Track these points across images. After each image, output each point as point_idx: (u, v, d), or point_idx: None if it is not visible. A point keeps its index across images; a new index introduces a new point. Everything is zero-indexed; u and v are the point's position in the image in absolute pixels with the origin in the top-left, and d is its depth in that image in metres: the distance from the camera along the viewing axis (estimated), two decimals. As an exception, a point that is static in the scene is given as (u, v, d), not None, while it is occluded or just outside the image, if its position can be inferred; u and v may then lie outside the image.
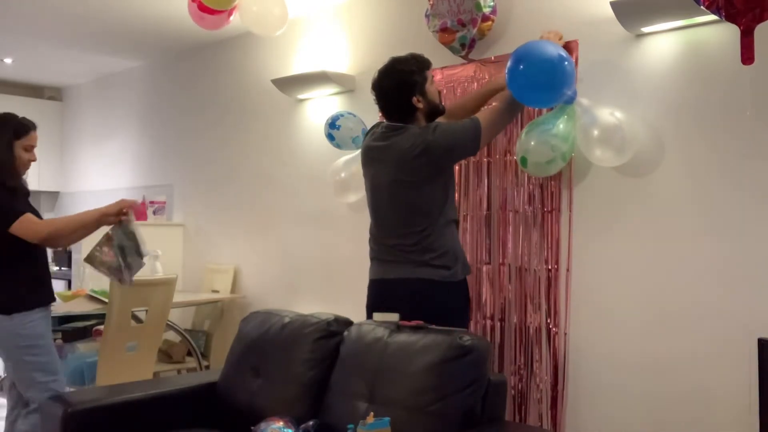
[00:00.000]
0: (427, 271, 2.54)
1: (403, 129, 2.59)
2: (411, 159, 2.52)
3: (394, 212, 2.62)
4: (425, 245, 2.55)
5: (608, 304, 2.77)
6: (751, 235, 2.41)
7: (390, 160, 2.59)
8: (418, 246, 2.55)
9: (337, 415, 2.25)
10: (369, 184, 2.72)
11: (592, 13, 2.84)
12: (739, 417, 2.39)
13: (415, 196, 2.56)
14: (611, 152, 2.61)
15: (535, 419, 2.93)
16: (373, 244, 2.72)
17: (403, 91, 2.60)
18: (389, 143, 2.61)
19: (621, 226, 2.75)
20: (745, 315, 2.41)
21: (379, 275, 2.66)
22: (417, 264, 2.55)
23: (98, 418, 2.39)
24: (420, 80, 2.60)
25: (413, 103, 2.60)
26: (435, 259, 2.55)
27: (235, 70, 4.72)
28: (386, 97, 2.65)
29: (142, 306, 3.60)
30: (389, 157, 2.60)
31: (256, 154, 4.50)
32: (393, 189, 2.60)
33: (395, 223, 2.62)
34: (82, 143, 6.46)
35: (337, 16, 3.97)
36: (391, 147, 2.59)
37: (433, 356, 2.10)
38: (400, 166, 2.56)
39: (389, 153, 2.60)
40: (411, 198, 2.56)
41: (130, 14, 4.32)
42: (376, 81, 2.67)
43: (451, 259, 2.57)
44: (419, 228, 2.55)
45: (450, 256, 2.57)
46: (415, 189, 2.55)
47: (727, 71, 2.48)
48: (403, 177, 2.56)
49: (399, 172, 2.57)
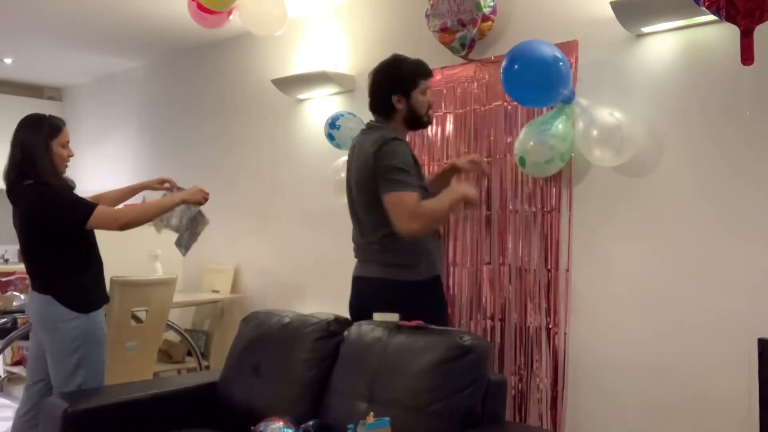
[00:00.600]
0: (389, 270, 2.48)
1: (376, 129, 2.52)
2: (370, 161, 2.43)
3: (360, 210, 2.56)
4: (386, 244, 2.47)
5: (608, 304, 2.77)
6: (751, 235, 2.41)
7: (355, 159, 2.54)
8: (380, 245, 2.49)
9: (337, 415, 2.25)
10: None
11: (592, 13, 2.84)
12: (739, 416, 2.39)
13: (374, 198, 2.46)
14: (610, 152, 2.62)
15: (535, 419, 2.93)
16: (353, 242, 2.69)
17: (384, 85, 2.53)
18: (359, 141, 2.56)
19: (621, 226, 2.75)
20: (745, 315, 2.41)
21: (355, 272, 2.64)
22: (380, 263, 2.51)
23: (98, 418, 2.39)
24: (409, 83, 2.51)
25: (392, 102, 2.51)
26: (396, 258, 2.48)
27: (235, 70, 4.72)
28: (371, 88, 2.59)
29: (142, 306, 3.60)
30: (355, 156, 2.55)
31: (256, 154, 4.50)
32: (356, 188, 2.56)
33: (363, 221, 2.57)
34: (82, 143, 6.45)
35: (337, 16, 3.97)
36: (359, 145, 2.54)
37: (433, 356, 2.10)
38: (359, 167, 2.50)
39: (356, 151, 2.55)
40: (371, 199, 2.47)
41: (130, 14, 4.32)
42: (371, 71, 2.63)
43: (412, 259, 2.49)
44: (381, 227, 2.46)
45: (411, 255, 2.48)
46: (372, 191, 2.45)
47: (727, 71, 2.48)
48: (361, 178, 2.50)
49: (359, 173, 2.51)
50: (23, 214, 2.71)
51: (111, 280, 3.35)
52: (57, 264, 2.70)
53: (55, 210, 2.66)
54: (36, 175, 2.67)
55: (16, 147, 2.71)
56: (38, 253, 2.73)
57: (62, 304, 2.64)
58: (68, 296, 2.66)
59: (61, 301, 2.64)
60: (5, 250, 6.49)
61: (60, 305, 2.63)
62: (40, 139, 2.71)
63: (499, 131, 3.11)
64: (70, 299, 2.66)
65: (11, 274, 3.97)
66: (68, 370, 2.67)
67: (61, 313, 2.64)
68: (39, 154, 2.69)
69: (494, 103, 3.13)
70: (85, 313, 2.68)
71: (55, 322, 2.65)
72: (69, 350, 2.66)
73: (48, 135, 2.73)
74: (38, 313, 2.70)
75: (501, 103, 3.10)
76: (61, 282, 2.69)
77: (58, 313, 2.64)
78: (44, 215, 2.66)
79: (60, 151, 2.77)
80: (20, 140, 2.71)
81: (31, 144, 2.69)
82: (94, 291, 2.78)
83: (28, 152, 2.69)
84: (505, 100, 3.07)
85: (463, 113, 3.24)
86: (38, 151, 2.69)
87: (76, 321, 2.65)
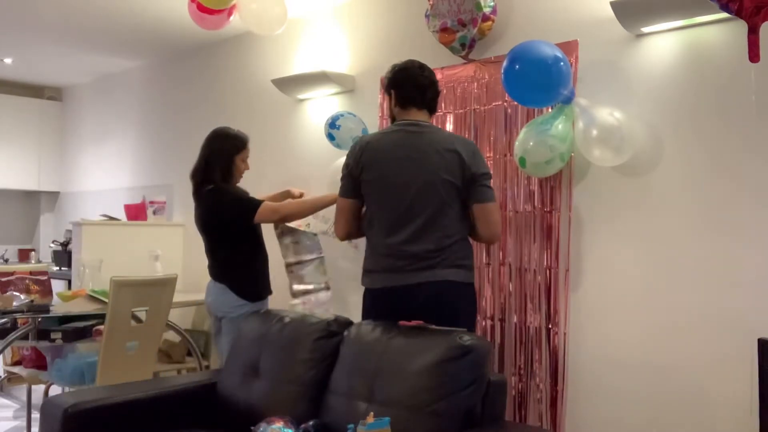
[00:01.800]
0: (468, 273, 2.56)
1: (435, 129, 2.62)
2: (461, 164, 2.51)
3: (432, 214, 2.49)
4: (458, 247, 2.53)
5: (608, 304, 2.77)
6: (752, 234, 2.41)
7: (426, 158, 2.49)
8: (454, 248, 2.52)
9: (337, 415, 2.25)
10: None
11: (592, 13, 2.84)
12: (739, 416, 2.39)
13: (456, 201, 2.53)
14: (610, 152, 2.62)
15: (535, 419, 2.93)
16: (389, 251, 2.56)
17: (437, 86, 2.67)
18: (424, 140, 2.52)
19: (621, 226, 2.75)
20: (745, 315, 2.41)
21: (413, 280, 2.51)
22: (457, 266, 2.54)
23: (98, 418, 2.39)
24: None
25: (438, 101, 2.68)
26: (469, 260, 2.58)
27: (236, 70, 4.72)
28: (429, 83, 2.63)
29: (142, 306, 3.60)
30: (423, 155, 2.49)
31: (256, 154, 4.48)
32: (430, 190, 2.51)
33: (428, 226, 2.50)
34: (82, 143, 6.46)
35: (337, 16, 3.97)
36: (427, 144, 2.50)
37: (433, 356, 2.10)
38: (441, 166, 2.49)
39: (422, 150, 2.50)
40: (453, 202, 2.52)
41: (130, 14, 4.32)
42: (422, 66, 2.65)
43: (471, 261, 2.57)
44: (458, 231, 2.54)
45: (471, 258, 2.58)
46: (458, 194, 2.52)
47: (727, 71, 2.48)
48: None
49: (439, 173, 2.49)
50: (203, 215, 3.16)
51: (111, 280, 3.35)
52: (231, 257, 3.11)
53: (230, 208, 3.09)
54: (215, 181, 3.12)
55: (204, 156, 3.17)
56: (215, 247, 3.15)
57: (234, 292, 3.07)
58: (240, 286, 3.09)
59: (233, 289, 3.08)
60: (5, 250, 6.49)
61: (232, 293, 3.07)
62: (225, 152, 3.17)
63: (499, 131, 3.11)
64: (241, 289, 3.09)
65: (11, 274, 3.97)
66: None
67: (232, 299, 3.07)
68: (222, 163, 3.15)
69: (494, 103, 3.13)
70: (251, 302, 3.07)
71: (227, 307, 3.10)
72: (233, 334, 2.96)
73: (234, 149, 3.19)
74: (214, 300, 3.16)
75: (501, 103, 3.10)
76: (234, 273, 3.11)
77: (229, 300, 3.08)
78: (220, 215, 3.10)
79: (240, 165, 3.23)
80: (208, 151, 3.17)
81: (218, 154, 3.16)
82: (261, 282, 3.20)
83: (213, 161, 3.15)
84: (505, 100, 3.07)
85: (463, 113, 3.24)
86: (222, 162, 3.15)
87: (244, 308, 3.05)
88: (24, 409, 4.42)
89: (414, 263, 2.45)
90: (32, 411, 4.06)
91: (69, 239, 5.45)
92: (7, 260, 6.33)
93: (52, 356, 3.69)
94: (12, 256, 6.53)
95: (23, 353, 4.04)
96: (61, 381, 3.63)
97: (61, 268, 5.61)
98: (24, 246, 6.73)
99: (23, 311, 3.48)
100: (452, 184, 2.46)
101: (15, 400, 4.98)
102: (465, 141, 2.60)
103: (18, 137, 6.42)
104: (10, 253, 6.53)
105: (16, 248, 6.66)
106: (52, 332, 3.38)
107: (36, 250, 6.61)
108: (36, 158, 6.56)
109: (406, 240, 2.47)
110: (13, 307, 3.58)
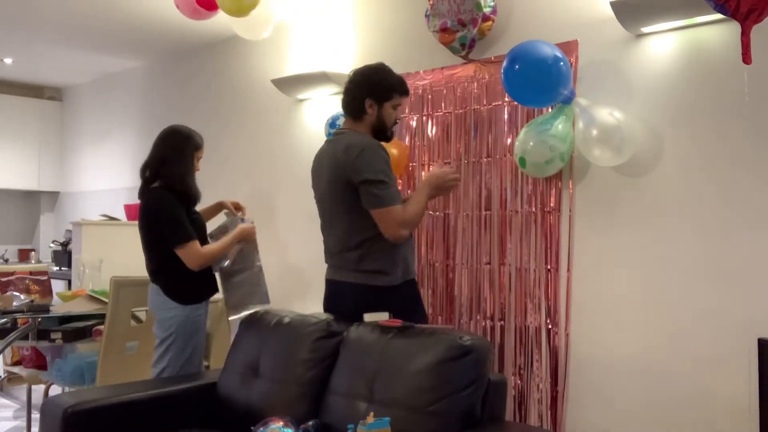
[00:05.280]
0: (368, 276, 2.56)
1: (344, 135, 2.57)
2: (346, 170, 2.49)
3: (336, 219, 2.61)
4: (364, 251, 2.55)
5: (608, 303, 2.77)
6: (751, 235, 2.41)
7: (327, 168, 2.58)
8: (358, 252, 2.55)
9: (337, 415, 2.25)
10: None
11: (592, 13, 2.84)
12: (739, 416, 2.39)
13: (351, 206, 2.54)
14: (610, 152, 2.62)
15: (535, 419, 2.94)
16: (326, 252, 2.73)
17: (362, 87, 2.56)
18: (329, 150, 2.59)
19: (621, 226, 2.75)
20: (745, 315, 2.41)
21: (329, 276, 2.72)
22: (357, 270, 2.58)
23: (98, 418, 2.39)
24: (383, 92, 2.55)
25: (365, 105, 2.54)
26: (374, 264, 2.56)
27: (235, 71, 4.72)
28: (348, 86, 2.61)
29: (142, 306, 3.59)
30: (326, 164, 2.58)
31: (256, 154, 4.50)
32: (330, 198, 2.62)
33: (338, 229, 2.62)
34: (82, 143, 6.46)
35: (337, 16, 3.97)
36: (329, 154, 2.57)
37: (433, 356, 2.10)
38: (334, 176, 2.53)
39: (327, 160, 2.59)
40: (348, 207, 2.54)
41: (130, 14, 4.32)
42: (353, 70, 2.65)
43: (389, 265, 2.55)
44: (359, 234, 2.54)
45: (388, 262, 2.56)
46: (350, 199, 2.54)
47: (727, 71, 2.48)
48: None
49: (334, 182, 2.55)
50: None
51: (111, 280, 3.35)
52: (164, 260, 2.97)
53: (160, 223, 2.96)
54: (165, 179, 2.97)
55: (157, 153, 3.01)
56: (149, 248, 3.05)
57: (166, 294, 2.97)
58: (174, 288, 2.97)
59: (166, 291, 2.97)
60: (5, 250, 6.50)
61: (164, 295, 2.97)
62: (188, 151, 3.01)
63: (499, 131, 3.11)
64: (174, 291, 2.96)
65: (11, 274, 3.98)
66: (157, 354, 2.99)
67: (163, 301, 2.97)
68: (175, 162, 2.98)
69: (494, 103, 3.13)
70: (184, 305, 2.94)
71: (158, 309, 3.00)
72: (165, 335, 2.93)
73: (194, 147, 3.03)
74: (149, 300, 3.07)
75: (501, 103, 3.10)
76: (167, 275, 2.99)
77: (162, 302, 2.98)
78: (150, 223, 3.00)
79: (196, 164, 3.07)
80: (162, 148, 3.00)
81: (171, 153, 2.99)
82: (198, 284, 3.03)
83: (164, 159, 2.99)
84: (505, 100, 3.07)
85: (463, 113, 3.24)
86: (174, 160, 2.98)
87: (176, 311, 2.94)
88: (24, 409, 4.42)
89: (331, 264, 2.68)
90: (32, 411, 4.06)
91: (69, 239, 5.45)
92: (7, 260, 6.33)
93: (52, 356, 3.69)
94: (12, 256, 6.53)
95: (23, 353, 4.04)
96: (61, 381, 3.62)
97: (61, 268, 5.61)
98: (24, 246, 6.73)
99: (23, 311, 3.48)
100: (345, 190, 2.50)
101: (15, 400, 4.98)
102: (353, 146, 2.47)
103: (18, 137, 6.42)
104: (10, 253, 6.53)
105: (16, 248, 6.66)
106: (52, 332, 3.38)
107: (36, 250, 6.61)
108: (36, 158, 6.56)
109: (326, 241, 2.71)
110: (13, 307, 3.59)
